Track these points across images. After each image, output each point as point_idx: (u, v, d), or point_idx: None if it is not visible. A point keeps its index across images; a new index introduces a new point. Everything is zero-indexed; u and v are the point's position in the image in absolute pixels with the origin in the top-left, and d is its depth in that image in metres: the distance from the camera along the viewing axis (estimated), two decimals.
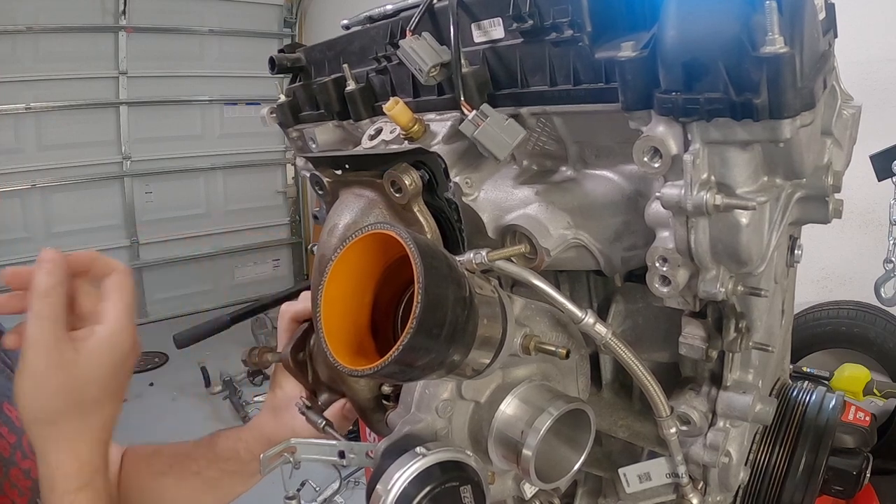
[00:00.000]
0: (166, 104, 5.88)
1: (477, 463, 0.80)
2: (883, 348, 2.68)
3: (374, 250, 0.72)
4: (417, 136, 1.01)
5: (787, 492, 0.99)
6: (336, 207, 1.07)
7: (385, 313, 0.80)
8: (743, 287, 0.82)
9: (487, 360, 0.78)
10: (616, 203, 0.91)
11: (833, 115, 0.91)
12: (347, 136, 1.29)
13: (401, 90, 1.10)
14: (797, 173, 0.75)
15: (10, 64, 5.02)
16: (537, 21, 0.84)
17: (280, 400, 1.28)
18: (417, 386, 0.88)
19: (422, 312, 0.62)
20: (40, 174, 5.36)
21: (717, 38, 0.65)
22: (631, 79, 0.74)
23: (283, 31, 6.40)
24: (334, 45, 1.24)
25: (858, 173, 1.22)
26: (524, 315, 0.88)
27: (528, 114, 0.92)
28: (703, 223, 0.74)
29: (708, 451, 0.93)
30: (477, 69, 0.93)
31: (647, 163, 0.74)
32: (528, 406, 0.86)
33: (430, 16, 0.99)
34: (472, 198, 0.98)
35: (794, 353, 1.37)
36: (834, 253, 2.87)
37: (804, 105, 0.65)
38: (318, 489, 3.24)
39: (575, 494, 1.15)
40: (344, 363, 0.67)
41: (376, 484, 0.75)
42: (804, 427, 1.02)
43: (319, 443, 0.96)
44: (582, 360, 1.01)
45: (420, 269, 0.62)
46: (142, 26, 5.53)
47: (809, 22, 0.69)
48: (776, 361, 1.07)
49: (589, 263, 0.94)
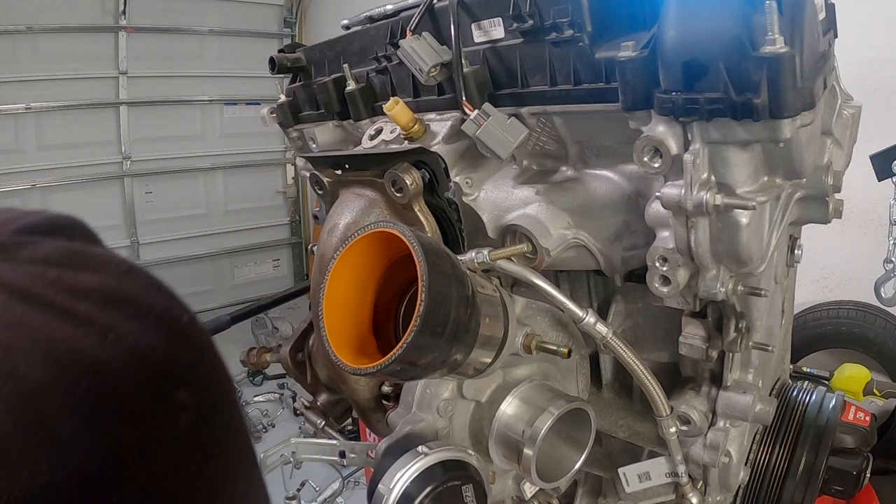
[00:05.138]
0: (166, 104, 5.87)
1: (478, 462, 0.80)
2: (883, 348, 2.68)
3: (376, 249, 0.72)
4: (417, 136, 1.01)
5: (787, 492, 0.99)
6: (336, 207, 1.07)
7: (386, 313, 0.80)
8: (743, 287, 0.82)
9: (489, 359, 0.78)
10: (616, 203, 0.91)
11: (833, 115, 0.91)
12: (347, 136, 1.29)
13: (401, 90, 1.10)
14: (797, 173, 0.75)
15: (10, 64, 5.01)
16: (537, 21, 0.84)
17: None
18: (418, 385, 0.88)
19: (425, 310, 0.62)
20: (40, 174, 5.35)
21: (717, 38, 0.65)
22: (631, 79, 0.74)
23: (283, 31, 6.39)
24: (334, 45, 1.24)
25: (858, 173, 1.22)
26: (525, 314, 0.88)
27: (529, 114, 0.92)
28: (704, 223, 0.75)
29: (708, 451, 0.93)
30: (477, 69, 0.93)
31: (648, 163, 0.74)
32: (528, 405, 0.86)
33: (431, 16, 0.99)
34: (472, 197, 0.98)
35: (794, 353, 1.37)
36: (834, 253, 2.87)
37: (804, 105, 0.65)
38: (318, 489, 3.24)
39: (575, 494, 1.15)
40: (346, 362, 0.67)
41: (378, 484, 0.75)
42: (804, 427, 1.02)
43: (319, 443, 0.96)
44: (582, 360, 1.01)
45: (424, 267, 0.62)
46: (142, 26, 5.52)
47: (809, 22, 0.69)
48: (776, 361, 1.07)
49: (589, 263, 0.94)
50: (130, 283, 0.35)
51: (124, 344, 0.31)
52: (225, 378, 0.38)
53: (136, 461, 0.30)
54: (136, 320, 0.33)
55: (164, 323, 0.35)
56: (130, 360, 0.31)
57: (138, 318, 0.33)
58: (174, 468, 0.32)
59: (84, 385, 0.29)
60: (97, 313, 0.32)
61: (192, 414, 0.33)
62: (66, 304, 0.31)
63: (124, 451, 0.30)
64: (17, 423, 0.27)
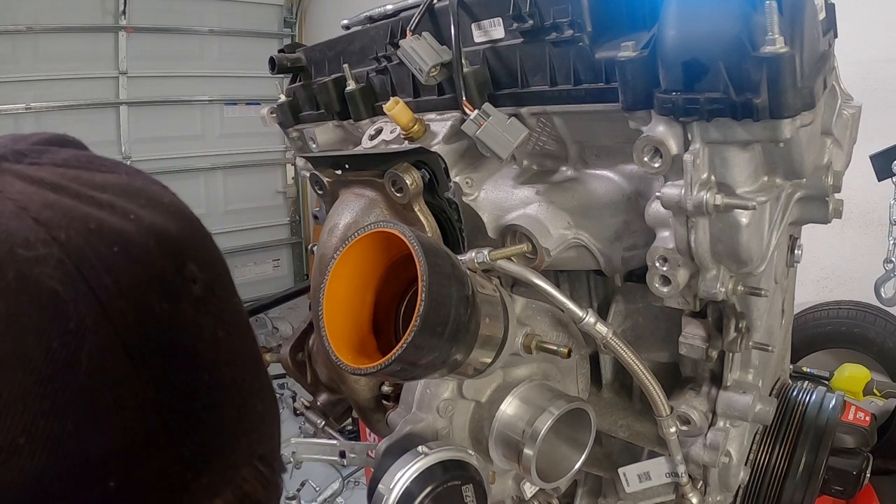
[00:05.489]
0: (166, 104, 5.87)
1: (478, 462, 0.80)
2: (883, 348, 2.68)
3: (376, 249, 0.72)
4: (417, 136, 1.01)
5: (787, 492, 0.99)
6: (336, 207, 1.07)
7: (386, 313, 0.80)
8: (743, 287, 0.82)
9: (489, 359, 0.78)
10: (616, 203, 0.91)
11: (833, 115, 0.91)
12: (347, 136, 1.29)
13: (401, 90, 1.10)
14: (797, 173, 0.75)
15: (10, 64, 5.01)
16: (537, 21, 0.84)
17: None
18: (418, 385, 0.88)
19: (426, 310, 0.62)
20: None
21: (717, 38, 0.65)
22: (631, 79, 0.74)
23: (283, 31, 6.39)
24: (334, 45, 1.24)
25: (858, 173, 1.22)
26: (525, 314, 0.88)
27: (529, 114, 0.92)
28: (704, 223, 0.75)
29: (708, 451, 0.93)
30: (477, 69, 0.93)
31: (648, 162, 0.74)
32: (528, 406, 0.86)
33: (431, 16, 0.99)
34: (472, 198, 0.98)
35: (795, 353, 1.37)
36: (834, 253, 2.87)
37: (804, 105, 0.66)
38: (318, 489, 3.24)
39: (575, 494, 1.15)
40: (346, 362, 0.67)
41: (378, 484, 0.75)
42: (804, 427, 1.02)
43: (319, 443, 0.96)
44: (582, 360, 1.01)
45: (424, 266, 0.62)
46: (142, 26, 5.52)
47: (809, 22, 0.69)
48: (776, 361, 1.07)
49: (589, 263, 0.94)
50: (140, 180, 0.41)
51: (143, 224, 0.37)
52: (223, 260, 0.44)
53: (163, 318, 0.35)
54: (150, 208, 0.38)
55: (172, 210, 0.40)
56: (150, 235, 0.37)
57: (150, 206, 0.39)
58: (192, 326, 0.37)
59: (115, 250, 0.34)
60: (117, 201, 0.37)
61: (201, 285, 0.38)
62: (90, 194, 0.36)
63: (153, 308, 0.35)
64: (64, 280, 0.32)
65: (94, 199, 0.36)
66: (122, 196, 0.38)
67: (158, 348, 0.35)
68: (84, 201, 0.36)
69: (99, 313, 0.33)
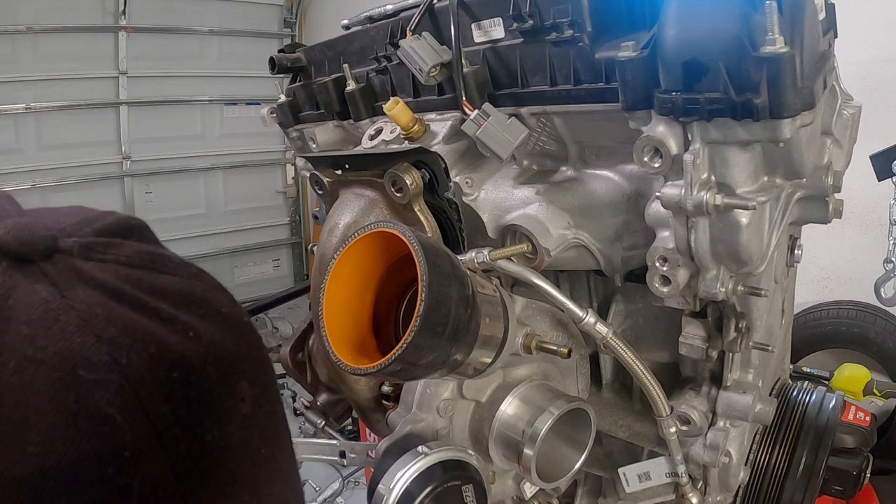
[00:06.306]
0: (166, 104, 5.87)
1: (478, 462, 0.80)
2: (883, 348, 2.68)
3: (376, 249, 0.72)
4: (417, 136, 1.01)
5: (787, 492, 0.99)
6: (336, 207, 1.07)
7: (386, 313, 0.80)
8: (743, 287, 0.82)
9: (489, 359, 0.78)
10: (616, 203, 0.91)
11: (833, 115, 0.91)
12: (347, 136, 1.29)
13: (401, 90, 1.10)
14: (797, 173, 0.75)
15: (10, 64, 5.01)
16: (537, 21, 0.84)
17: None
18: (418, 385, 0.88)
19: (425, 310, 0.62)
20: (40, 174, 5.34)
21: (717, 38, 0.65)
22: (631, 79, 0.74)
23: (283, 31, 6.39)
24: (334, 45, 1.24)
25: (858, 173, 1.22)
26: (525, 314, 0.88)
27: (529, 114, 0.92)
28: (704, 223, 0.75)
29: (708, 451, 0.93)
30: (477, 69, 0.93)
31: (648, 162, 0.74)
32: (528, 406, 0.86)
33: (431, 16, 0.99)
34: (472, 198, 0.98)
35: (795, 353, 1.36)
36: (834, 253, 2.87)
37: (804, 105, 0.65)
38: (318, 489, 3.24)
39: (575, 494, 1.15)
40: (346, 362, 0.67)
41: (378, 484, 0.75)
42: (804, 427, 1.02)
43: (319, 443, 0.96)
44: (582, 360, 1.01)
45: (424, 266, 0.62)
46: (142, 26, 5.52)
47: (809, 22, 0.69)
48: (776, 361, 1.07)
49: (589, 263, 0.94)
50: (200, 285, 0.41)
51: (201, 342, 0.37)
52: (272, 370, 0.44)
53: (214, 444, 0.36)
54: (208, 319, 0.39)
55: (229, 322, 0.40)
56: (208, 355, 0.37)
57: (209, 317, 0.39)
58: (238, 447, 0.38)
59: (174, 376, 0.35)
60: (177, 312, 0.37)
61: (250, 403, 0.39)
62: (152, 303, 0.37)
63: (205, 436, 0.36)
64: (123, 407, 0.33)
65: (156, 311, 0.36)
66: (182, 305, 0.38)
67: (206, 474, 0.36)
68: (146, 314, 0.36)
69: (154, 441, 0.33)
